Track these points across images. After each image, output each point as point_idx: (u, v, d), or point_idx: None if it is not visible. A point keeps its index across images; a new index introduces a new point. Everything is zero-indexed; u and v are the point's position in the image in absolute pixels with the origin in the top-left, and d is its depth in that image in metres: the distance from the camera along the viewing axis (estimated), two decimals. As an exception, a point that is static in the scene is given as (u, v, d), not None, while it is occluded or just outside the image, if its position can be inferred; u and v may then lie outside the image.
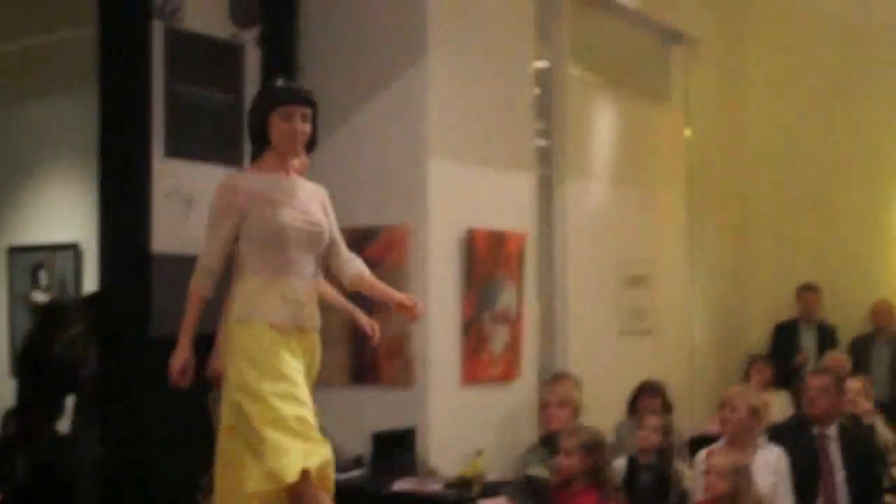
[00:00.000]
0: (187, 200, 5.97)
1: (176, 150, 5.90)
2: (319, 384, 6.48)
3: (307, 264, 4.25)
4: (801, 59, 9.85)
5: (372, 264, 6.37)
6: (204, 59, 6.07)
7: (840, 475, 6.08)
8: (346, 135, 6.59)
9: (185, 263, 5.89)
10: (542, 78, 7.61)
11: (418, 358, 6.40)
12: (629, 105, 8.48)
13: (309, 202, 4.30)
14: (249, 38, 6.32)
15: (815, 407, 6.26)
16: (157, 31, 5.79)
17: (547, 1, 7.61)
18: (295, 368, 4.17)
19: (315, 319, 4.30)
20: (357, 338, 6.50)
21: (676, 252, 8.98)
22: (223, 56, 6.19)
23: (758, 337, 9.69)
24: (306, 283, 4.23)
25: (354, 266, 4.54)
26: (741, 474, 5.38)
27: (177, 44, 5.88)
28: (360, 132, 6.57)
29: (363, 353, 6.51)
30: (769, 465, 5.82)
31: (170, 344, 5.82)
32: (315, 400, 6.49)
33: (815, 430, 6.23)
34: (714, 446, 6.03)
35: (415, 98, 6.44)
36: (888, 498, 6.43)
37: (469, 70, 6.72)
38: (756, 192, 10.05)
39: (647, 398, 7.23)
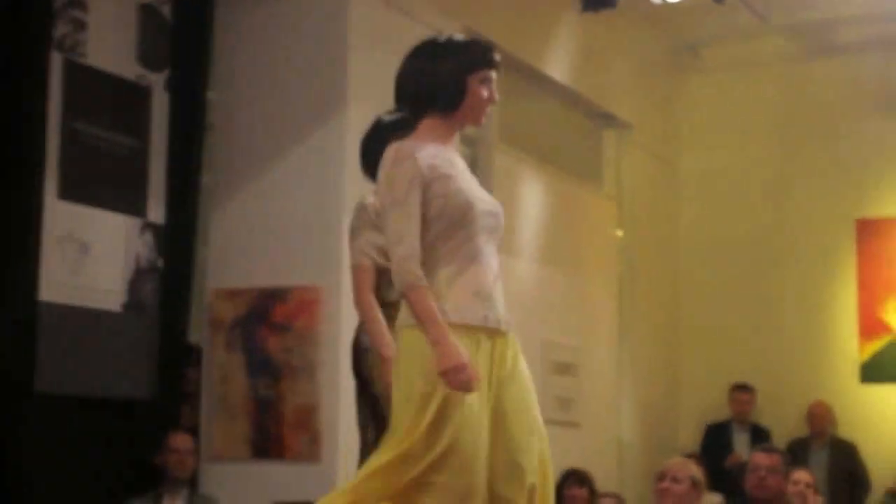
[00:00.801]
0: (82, 247, 5.76)
1: (71, 192, 5.72)
2: (220, 458, 6.29)
3: (493, 254, 3.57)
4: (733, 154, 9.89)
5: (281, 327, 6.27)
6: (107, 98, 5.93)
7: (781, 562, 5.88)
8: (257, 189, 6.43)
9: (77, 316, 5.74)
10: (471, 143, 7.52)
11: (327, 430, 6.13)
12: (559, 186, 8.42)
13: (476, 182, 3.65)
14: (158, 82, 6.18)
15: (763, 488, 6.04)
16: (56, 63, 5.64)
17: (475, 70, 7.57)
18: (476, 407, 3.38)
19: (511, 320, 3.57)
20: (260, 408, 6.27)
21: (606, 343, 8.84)
22: (128, 97, 6.05)
23: (688, 437, 9.53)
24: (496, 276, 3.54)
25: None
26: None
27: (77, 79, 5.75)
28: (273, 187, 6.41)
29: (267, 425, 6.24)
30: (708, 541, 5.60)
31: (57, 400, 5.62)
32: (214, 475, 6.28)
33: (758, 515, 6.03)
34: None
35: (331, 154, 6.29)
36: None
37: (391, 128, 6.59)
38: (689, 287, 10.00)
39: (574, 488, 7.09)
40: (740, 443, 9.26)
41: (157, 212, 6.19)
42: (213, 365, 6.36)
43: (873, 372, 9.41)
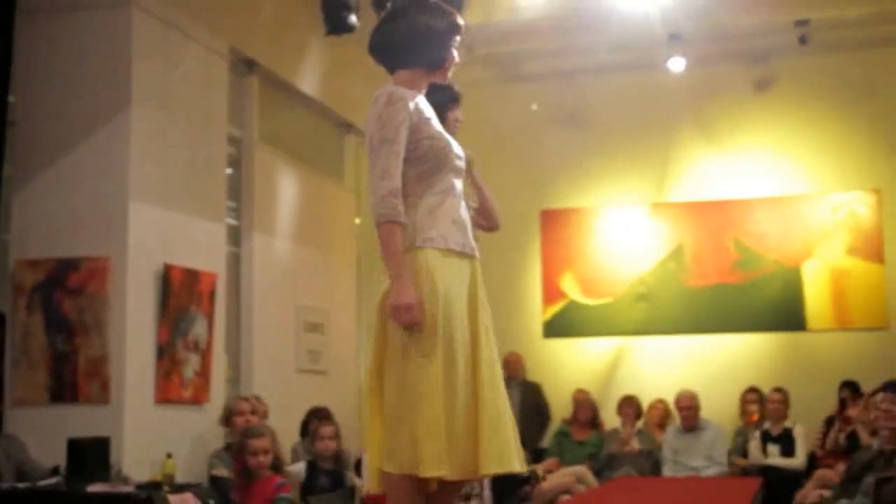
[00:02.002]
0: None
1: None
2: (22, 403, 6.04)
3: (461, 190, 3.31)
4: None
5: (75, 291, 6.08)
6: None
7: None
8: (54, 176, 6.22)
9: None
10: (235, 142, 7.49)
11: (115, 378, 6.00)
12: (309, 180, 8.46)
13: None
14: (-37, 81, 5.85)
15: None
16: None
17: (239, 79, 7.55)
18: (468, 317, 3.13)
19: (477, 248, 3.31)
20: (57, 360, 6.06)
21: (347, 306, 8.95)
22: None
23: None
24: (465, 206, 3.28)
25: None
26: None
27: None
28: (67, 174, 6.21)
29: (63, 374, 6.04)
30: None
31: None
32: (17, 417, 6.03)
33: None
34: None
35: (117, 147, 6.18)
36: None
37: (169, 127, 6.52)
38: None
39: (317, 421, 7.07)
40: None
41: (-37, 194, 5.88)
42: (15, 325, 6.10)
43: (553, 329, 9.87)
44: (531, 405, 9.34)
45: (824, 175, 9.38)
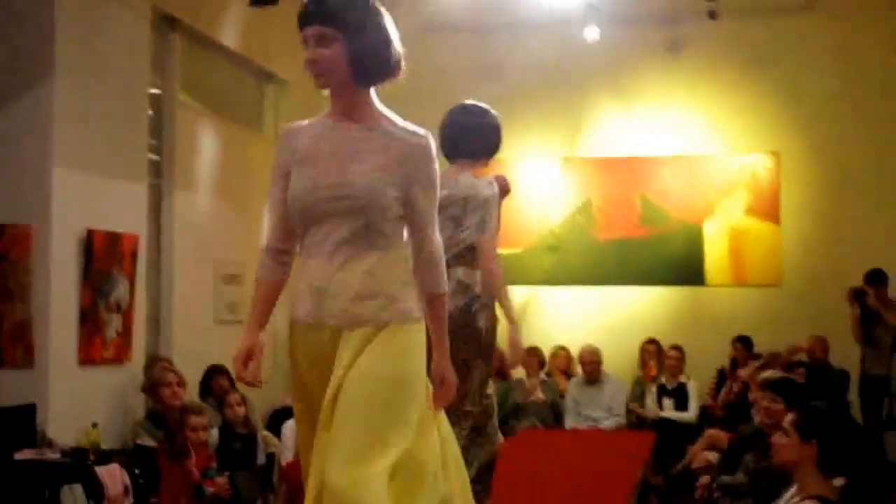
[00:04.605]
0: None
1: None
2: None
3: (347, 241, 2.75)
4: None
5: (-1, 258, 6.09)
6: None
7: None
8: (-25, 140, 6.17)
9: None
10: (156, 102, 7.48)
11: (39, 342, 6.09)
12: (229, 131, 8.48)
13: (365, 157, 2.79)
14: None
15: None
16: None
17: (161, 37, 7.50)
18: (310, 384, 2.84)
19: (349, 315, 2.74)
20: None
21: (265, 256, 9.04)
22: None
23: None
24: (337, 264, 2.75)
25: (421, 272, 2.88)
26: None
27: None
28: (-9, 139, 6.17)
29: (-15, 339, 6.09)
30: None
31: None
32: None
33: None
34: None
35: (41, 116, 6.15)
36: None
37: (93, 91, 6.51)
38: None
39: (218, 378, 7.17)
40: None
41: None
42: (-63, 290, 6.12)
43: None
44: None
45: (727, 137, 9.76)
